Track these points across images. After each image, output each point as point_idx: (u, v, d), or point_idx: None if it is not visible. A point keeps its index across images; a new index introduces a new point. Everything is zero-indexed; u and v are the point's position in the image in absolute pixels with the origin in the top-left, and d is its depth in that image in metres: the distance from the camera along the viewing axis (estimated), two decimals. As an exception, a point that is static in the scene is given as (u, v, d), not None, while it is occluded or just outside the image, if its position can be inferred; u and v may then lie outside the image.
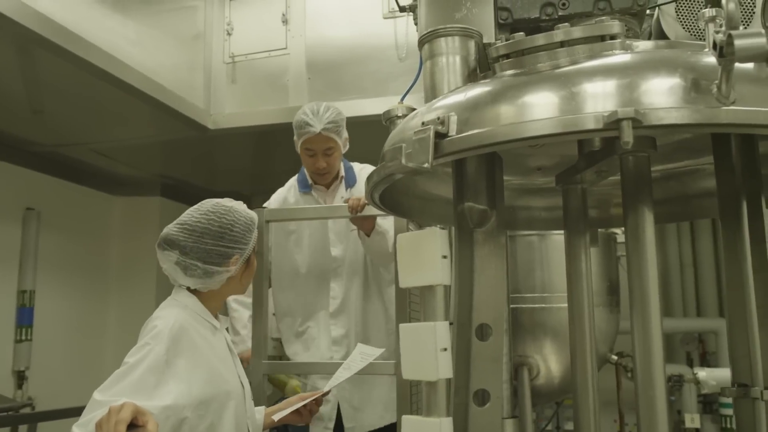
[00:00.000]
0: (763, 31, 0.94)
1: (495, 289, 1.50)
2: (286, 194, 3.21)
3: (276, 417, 2.09)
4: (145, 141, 4.75)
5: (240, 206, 2.04)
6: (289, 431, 3.14)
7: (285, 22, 4.16)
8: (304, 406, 2.06)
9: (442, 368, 1.21)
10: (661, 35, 1.84)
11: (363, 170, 3.17)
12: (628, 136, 1.00)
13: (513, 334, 2.77)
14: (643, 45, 1.27)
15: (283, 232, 3.11)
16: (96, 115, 4.20)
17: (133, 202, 5.96)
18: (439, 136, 1.16)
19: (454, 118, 1.17)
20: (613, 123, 1.01)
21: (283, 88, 3.99)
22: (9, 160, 4.85)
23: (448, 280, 1.26)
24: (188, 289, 1.99)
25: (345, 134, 3.05)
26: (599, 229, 2.87)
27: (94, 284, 5.66)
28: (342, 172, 3.12)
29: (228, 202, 2.02)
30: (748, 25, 1.94)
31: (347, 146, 3.09)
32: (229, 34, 4.19)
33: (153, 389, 1.74)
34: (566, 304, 1.68)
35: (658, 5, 1.86)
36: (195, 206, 2.01)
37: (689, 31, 1.48)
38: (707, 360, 5.27)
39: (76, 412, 3.87)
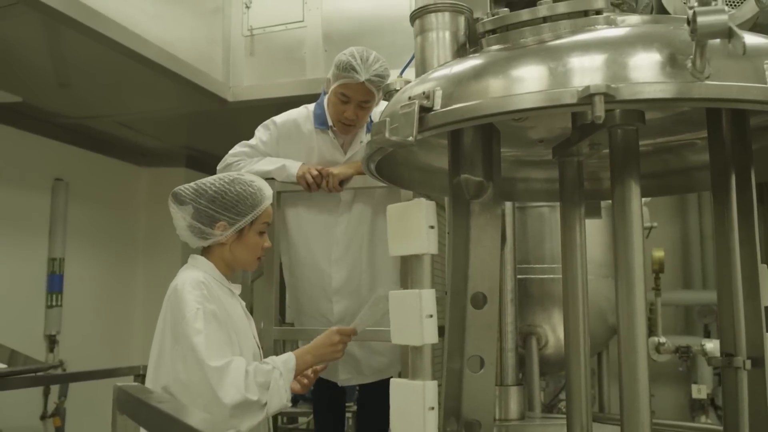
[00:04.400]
0: (725, 7, 0.95)
1: (490, 258, 1.54)
2: (298, 119, 2.93)
3: None
4: (167, 113, 4.83)
5: (253, 179, 2.10)
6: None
7: (302, -6, 4.18)
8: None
9: (427, 334, 1.27)
10: (662, 9, 1.85)
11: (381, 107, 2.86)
12: (599, 110, 1.03)
13: (522, 303, 2.82)
14: (630, 20, 1.28)
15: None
16: (119, 88, 4.29)
17: (158, 173, 6.09)
18: (425, 110, 1.20)
19: (439, 93, 1.21)
20: (587, 98, 1.04)
21: (300, 60, 4.03)
22: (38, 132, 4.98)
23: (435, 249, 1.31)
24: (203, 253, 2.09)
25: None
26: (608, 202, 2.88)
27: (121, 252, 5.81)
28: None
29: (247, 176, 2.11)
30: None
31: (381, 101, 2.82)
32: (247, 7, 4.22)
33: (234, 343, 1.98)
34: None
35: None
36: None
37: (687, 5, 1.49)
38: (726, 333, 5.23)
39: (105, 374, 4.04)
